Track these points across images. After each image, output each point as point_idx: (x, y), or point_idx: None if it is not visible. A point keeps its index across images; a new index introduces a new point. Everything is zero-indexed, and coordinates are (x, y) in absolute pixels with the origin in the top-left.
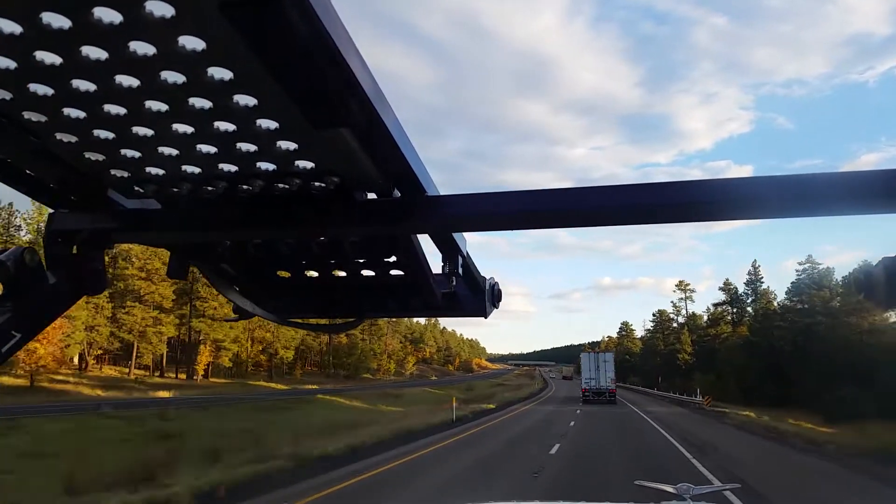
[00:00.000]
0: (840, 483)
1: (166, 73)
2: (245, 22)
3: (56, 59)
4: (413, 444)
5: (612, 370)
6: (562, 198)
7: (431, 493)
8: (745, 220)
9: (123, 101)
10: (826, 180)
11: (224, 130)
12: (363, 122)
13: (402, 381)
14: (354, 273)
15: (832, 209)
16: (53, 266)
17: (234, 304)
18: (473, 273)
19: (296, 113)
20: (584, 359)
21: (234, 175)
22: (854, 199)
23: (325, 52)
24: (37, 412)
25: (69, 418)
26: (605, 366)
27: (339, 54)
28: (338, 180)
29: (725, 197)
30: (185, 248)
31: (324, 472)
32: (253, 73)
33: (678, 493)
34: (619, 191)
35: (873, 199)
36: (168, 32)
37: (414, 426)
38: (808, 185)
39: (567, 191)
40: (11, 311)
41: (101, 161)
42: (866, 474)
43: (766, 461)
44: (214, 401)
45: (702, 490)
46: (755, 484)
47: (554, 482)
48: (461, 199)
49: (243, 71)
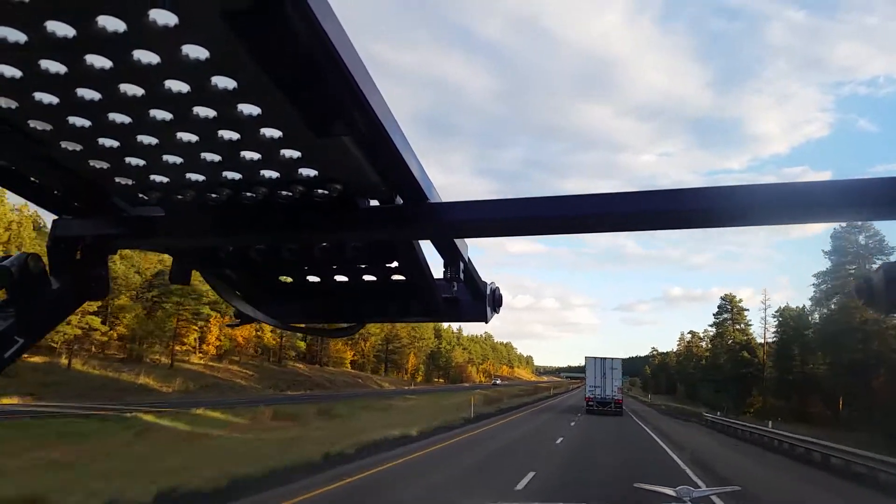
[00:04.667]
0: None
1: (170, 81)
2: (247, 30)
3: (61, 67)
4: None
5: (619, 378)
6: (562, 204)
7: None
8: (750, 226)
9: (128, 110)
10: (830, 188)
11: (228, 139)
12: (366, 130)
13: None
14: (356, 278)
15: (834, 216)
16: (57, 272)
17: (236, 308)
18: (475, 278)
19: (299, 121)
20: (590, 365)
21: (238, 183)
22: (856, 207)
23: (328, 61)
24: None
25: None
26: (613, 373)
27: (341, 62)
28: (341, 188)
29: (731, 204)
30: (187, 253)
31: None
32: (256, 81)
33: (678, 496)
34: (620, 198)
35: (875, 206)
36: (171, 41)
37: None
38: (811, 193)
39: (567, 198)
40: (15, 316)
41: (106, 169)
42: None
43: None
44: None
45: (702, 493)
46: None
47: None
48: (463, 205)
49: (247, 80)
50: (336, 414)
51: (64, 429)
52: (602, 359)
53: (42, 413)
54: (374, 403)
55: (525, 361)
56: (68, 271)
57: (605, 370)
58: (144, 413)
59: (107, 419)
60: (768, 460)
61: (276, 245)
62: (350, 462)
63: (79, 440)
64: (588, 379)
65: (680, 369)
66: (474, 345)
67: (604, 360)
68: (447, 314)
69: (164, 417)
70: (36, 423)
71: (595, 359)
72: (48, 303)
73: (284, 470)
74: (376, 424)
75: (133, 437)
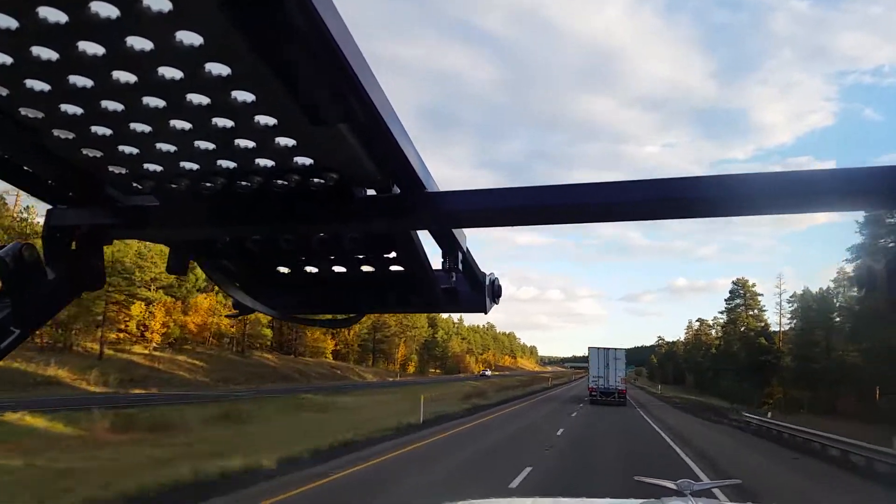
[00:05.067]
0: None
1: (164, 68)
2: (242, 16)
3: (52, 54)
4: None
5: (622, 368)
6: (560, 194)
7: None
8: (747, 216)
9: (121, 98)
10: (829, 176)
11: (222, 127)
12: (362, 118)
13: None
14: (354, 269)
15: (835, 205)
16: (52, 262)
17: (234, 299)
18: (473, 269)
19: (294, 109)
20: (593, 355)
21: (233, 171)
22: (860, 195)
23: (324, 47)
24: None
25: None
26: (616, 364)
27: (337, 49)
28: (337, 177)
29: (729, 193)
30: (184, 244)
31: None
32: (251, 68)
33: (679, 489)
34: (620, 187)
35: (879, 195)
36: (165, 27)
37: None
38: (810, 182)
39: (567, 187)
40: (10, 307)
41: (99, 157)
42: None
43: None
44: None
45: (703, 486)
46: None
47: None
48: (461, 195)
49: (241, 66)
50: (240, 419)
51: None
52: (605, 349)
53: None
54: (319, 401)
55: (529, 352)
56: (63, 261)
57: (608, 361)
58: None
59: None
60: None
61: (273, 235)
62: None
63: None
64: (591, 369)
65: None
66: (474, 335)
67: (607, 351)
68: (446, 305)
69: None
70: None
71: (598, 349)
72: (43, 293)
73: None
74: (270, 439)
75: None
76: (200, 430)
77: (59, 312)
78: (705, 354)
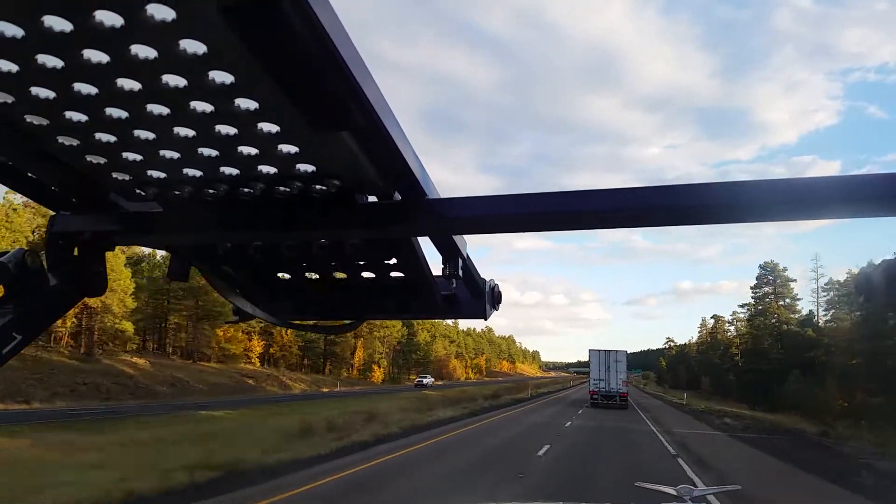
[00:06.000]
0: None
1: (167, 76)
2: (244, 24)
3: (58, 62)
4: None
5: (623, 371)
6: (561, 200)
7: None
8: (754, 222)
9: (125, 105)
10: (837, 182)
11: (225, 134)
12: (364, 125)
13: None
14: (355, 275)
15: (836, 212)
16: (55, 268)
17: (234, 305)
18: (474, 275)
19: (296, 116)
20: (593, 358)
21: (236, 178)
22: (856, 203)
23: (326, 55)
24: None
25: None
26: (617, 366)
27: (339, 57)
28: (339, 183)
29: (735, 200)
30: (185, 250)
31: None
32: (254, 76)
33: (679, 494)
34: (620, 194)
35: (874, 202)
36: (169, 36)
37: None
38: (812, 189)
39: (566, 194)
40: (12, 312)
41: (103, 164)
42: None
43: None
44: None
45: (703, 492)
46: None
47: None
48: (461, 201)
49: (244, 74)
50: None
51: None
52: (606, 351)
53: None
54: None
55: (531, 357)
56: (66, 267)
57: (609, 363)
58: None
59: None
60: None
61: (275, 242)
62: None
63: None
64: (592, 372)
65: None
66: (466, 338)
67: (608, 353)
68: (446, 311)
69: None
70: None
71: (599, 351)
72: (46, 299)
73: None
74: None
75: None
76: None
77: (60, 318)
78: (723, 355)
